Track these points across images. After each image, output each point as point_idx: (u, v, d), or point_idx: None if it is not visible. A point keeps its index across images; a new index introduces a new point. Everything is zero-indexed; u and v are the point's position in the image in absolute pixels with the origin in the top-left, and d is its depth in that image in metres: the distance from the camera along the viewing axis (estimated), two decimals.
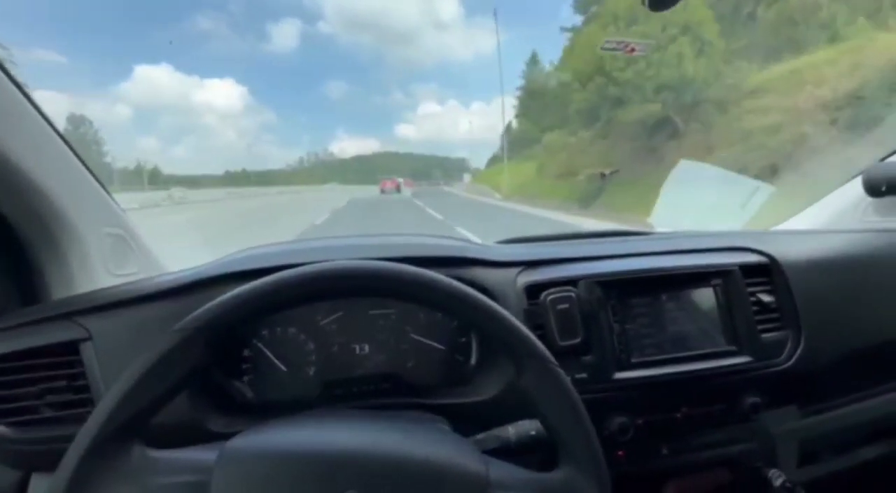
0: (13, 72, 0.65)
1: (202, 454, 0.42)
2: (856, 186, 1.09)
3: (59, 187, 0.72)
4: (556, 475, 0.45)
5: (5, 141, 0.63)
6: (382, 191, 31.36)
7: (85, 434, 0.40)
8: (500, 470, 0.44)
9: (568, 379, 0.46)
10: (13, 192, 0.68)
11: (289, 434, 0.44)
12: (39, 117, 0.70)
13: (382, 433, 0.45)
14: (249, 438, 0.44)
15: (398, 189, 32.47)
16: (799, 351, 0.81)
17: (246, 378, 0.73)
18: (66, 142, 0.75)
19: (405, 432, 0.46)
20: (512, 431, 0.58)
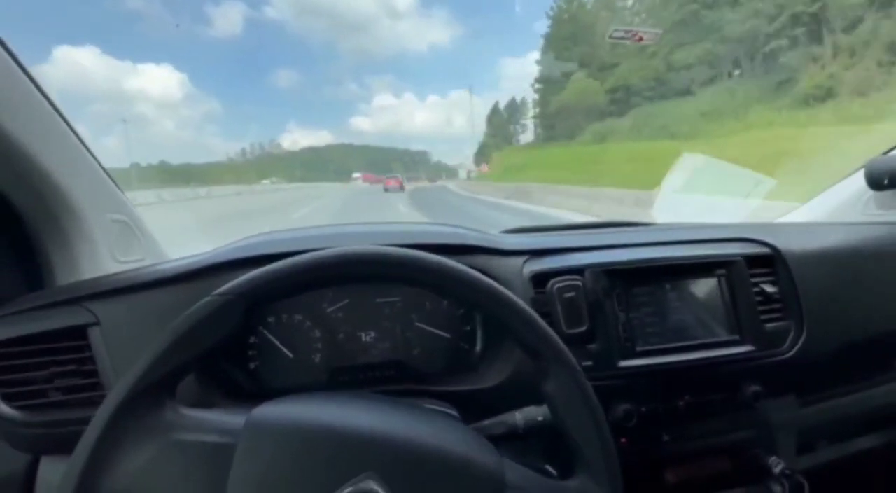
0: None
1: (232, 418, 0.43)
2: (858, 179, 1.10)
3: (65, 174, 0.72)
4: (571, 484, 0.46)
5: (12, 127, 0.62)
6: (386, 189, 29.85)
7: (119, 390, 0.41)
8: (516, 473, 0.44)
9: (592, 390, 0.47)
10: (20, 178, 0.68)
11: (316, 409, 0.45)
12: (46, 103, 0.70)
13: (405, 421, 0.46)
14: (278, 407, 0.44)
15: (402, 187, 31.63)
16: (801, 341, 0.82)
17: (252, 365, 0.74)
18: (71, 128, 0.75)
19: (427, 422, 0.47)
20: (519, 417, 0.58)
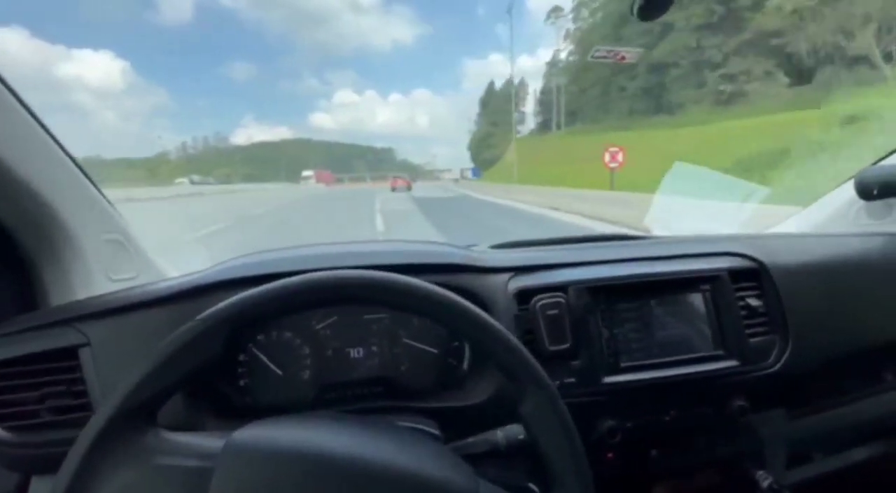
0: None
1: (213, 441, 0.43)
2: (848, 190, 1.10)
3: (57, 193, 0.73)
4: None
5: (2, 147, 0.63)
6: (393, 189, 30.19)
7: (100, 415, 0.41)
8: (490, 492, 0.45)
9: (566, 409, 0.47)
10: (11, 198, 0.68)
11: (293, 432, 0.45)
12: (35, 123, 0.70)
13: (378, 443, 0.46)
14: (256, 431, 0.45)
15: (409, 187, 31.74)
16: (786, 355, 0.82)
17: (242, 382, 0.75)
18: (62, 147, 0.76)
19: (402, 443, 0.47)
20: (501, 435, 0.59)
